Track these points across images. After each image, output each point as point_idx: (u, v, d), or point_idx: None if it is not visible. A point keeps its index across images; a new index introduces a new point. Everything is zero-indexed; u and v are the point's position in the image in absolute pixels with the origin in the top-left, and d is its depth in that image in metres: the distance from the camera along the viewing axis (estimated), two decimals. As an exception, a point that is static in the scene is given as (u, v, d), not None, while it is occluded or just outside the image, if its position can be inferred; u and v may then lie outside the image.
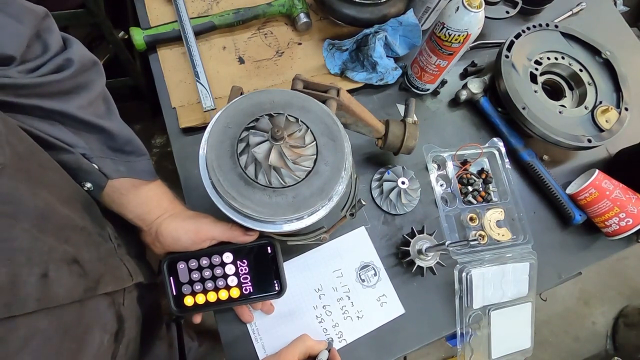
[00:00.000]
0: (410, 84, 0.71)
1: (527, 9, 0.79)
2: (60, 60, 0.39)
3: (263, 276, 0.47)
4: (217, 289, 0.47)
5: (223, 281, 0.47)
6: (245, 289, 0.47)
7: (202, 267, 0.46)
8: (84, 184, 0.41)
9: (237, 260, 0.46)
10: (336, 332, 0.57)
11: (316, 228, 0.53)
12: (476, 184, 0.67)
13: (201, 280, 0.47)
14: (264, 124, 0.41)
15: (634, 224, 0.62)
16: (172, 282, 0.46)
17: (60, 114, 0.39)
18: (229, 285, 0.47)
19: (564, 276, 0.67)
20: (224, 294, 0.47)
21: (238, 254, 0.46)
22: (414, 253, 0.58)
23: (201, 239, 0.45)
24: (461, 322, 0.59)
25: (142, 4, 0.70)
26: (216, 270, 0.46)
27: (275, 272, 0.47)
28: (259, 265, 0.47)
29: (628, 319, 1.61)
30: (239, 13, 0.69)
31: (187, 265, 0.46)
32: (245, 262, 0.46)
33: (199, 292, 0.47)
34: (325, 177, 0.41)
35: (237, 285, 0.47)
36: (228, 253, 0.46)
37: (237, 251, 0.46)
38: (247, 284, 0.47)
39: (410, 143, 0.59)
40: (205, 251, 0.46)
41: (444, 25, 0.56)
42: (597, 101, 0.69)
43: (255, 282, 0.47)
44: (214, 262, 0.46)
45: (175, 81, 0.67)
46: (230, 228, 0.45)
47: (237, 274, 0.47)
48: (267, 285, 0.48)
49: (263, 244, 0.46)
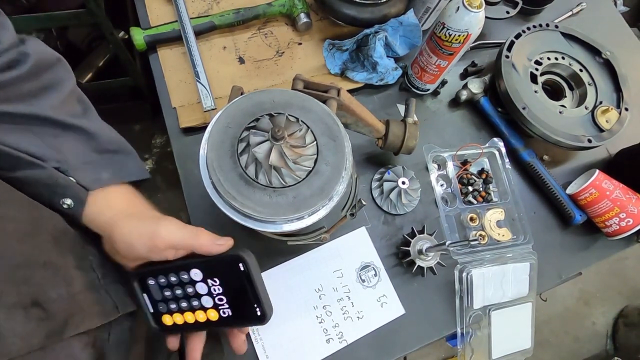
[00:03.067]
0: (411, 84, 0.71)
1: (527, 9, 0.79)
2: (13, 54, 0.35)
3: (240, 298, 0.38)
4: (193, 309, 0.39)
5: (197, 301, 0.39)
6: (223, 312, 0.39)
7: (172, 285, 0.39)
8: (63, 202, 0.36)
9: (207, 279, 0.38)
10: (336, 332, 0.57)
11: (316, 228, 0.53)
12: (476, 184, 0.67)
13: (174, 299, 0.39)
14: (265, 124, 0.41)
15: (634, 224, 0.62)
16: (146, 299, 0.40)
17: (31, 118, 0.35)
18: (204, 306, 0.39)
19: (564, 276, 0.67)
20: (201, 316, 0.39)
21: (207, 271, 0.38)
22: (414, 253, 0.58)
23: (158, 247, 0.36)
24: (461, 322, 0.59)
25: (142, 4, 0.70)
26: (187, 288, 0.38)
27: (253, 293, 0.37)
28: (232, 285, 0.38)
29: (628, 319, 1.61)
30: (239, 13, 0.69)
31: (157, 281, 0.39)
32: (216, 280, 0.37)
33: (175, 311, 0.40)
34: (326, 177, 0.41)
35: (213, 307, 0.39)
36: (195, 270, 0.38)
37: (205, 267, 0.38)
38: (223, 306, 0.38)
39: (411, 143, 0.59)
40: (170, 266, 0.38)
41: (444, 25, 0.56)
42: (597, 101, 0.69)
43: (233, 305, 0.38)
44: (182, 279, 0.38)
45: (175, 81, 0.67)
46: (195, 235, 0.37)
47: (210, 294, 0.38)
48: (247, 308, 0.38)
49: (231, 259, 0.37)
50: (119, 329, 0.41)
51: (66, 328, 0.32)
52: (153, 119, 1.53)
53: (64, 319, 0.32)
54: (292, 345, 0.56)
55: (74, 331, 0.33)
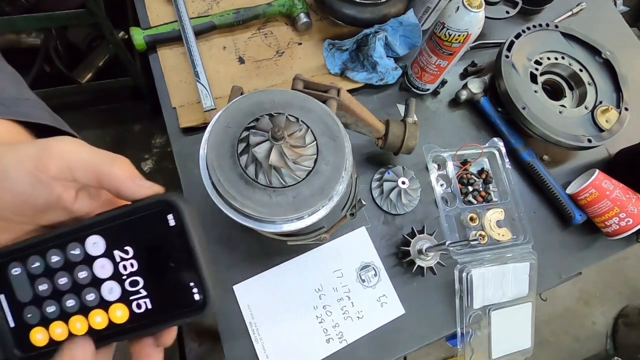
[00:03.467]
0: (411, 84, 0.71)
1: (527, 9, 0.79)
2: None
3: (166, 276, 0.24)
4: (86, 309, 0.24)
5: (94, 294, 0.24)
6: (137, 305, 0.24)
7: (52, 270, 0.24)
8: None
9: (114, 250, 0.24)
10: (336, 332, 0.57)
11: (316, 228, 0.53)
12: (476, 184, 0.67)
13: (55, 296, 0.24)
14: (265, 124, 0.41)
15: (634, 224, 0.62)
16: (3, 304, 0.24)
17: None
18: (105, 300, 0.24)
19: (564, 276, 0.67)
20: (99, 319, 0.24)
21: (114, 237, 0.24)
22: (414, 253, 0.58)
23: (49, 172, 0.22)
24: (461, 322, 0.59)
25: (142, 4, 0.70)
26: (78, 273, 0.24)
27: (189, 262, 0.23)
28: (155, 254, 0.24)
29: (628, 319, 1.61)
30: (239, 13, 0.69)
31: (26, 268, 0.24)
32: (129, 251, 0.24)
33: (55, 318, 0.24)
34: (326, 176, 0.41)
35: (121, 300, 0.24)
36: (95, 237, 0.24)
37: (111, 230, 0.24)
38: (137, 294, 0.24)
39: (411, 143, 0.59)
40: (51, 236, 0.24)
41: (444, 25, 0.56)
42: (597, 101, 0.69)
43: (154, 290, 0.24)
44: (71, 258, 0.24)
45: (175, 81, 0.67)
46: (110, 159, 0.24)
47: (117, 276, 0.24)
48: (178, 291, 0.24)
49: (157, 206, 0.23)
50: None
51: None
52: (153, 119, 1.53)
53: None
54: (292, 345, 0.56)
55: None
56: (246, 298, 0.57)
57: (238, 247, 0.59)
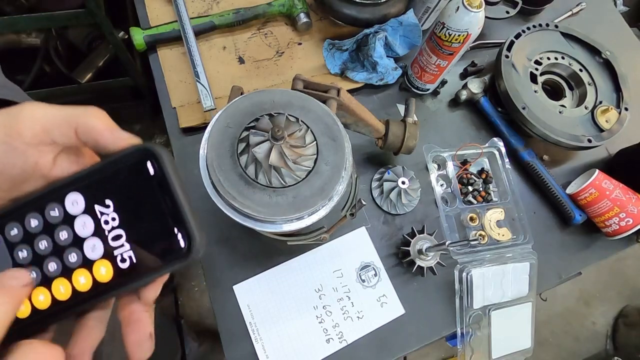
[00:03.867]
0: (411, 84, 0.71)
1: (527, 9, 0.79)
2: None
3: (149, 224, 0.23)
4: (69, 271, 0.23)
5: (77, 254, 0.23)
6: (121, 259, 0.23)
7: (31, 235, 0.23)
8: None
9: (94, 205, 0.23)
10: (336, 332, 0.57)
11: (316, 228, 0.53)
12: (476, 184, 0.67)
13: (36, 262, 0.24)
14: (265, 124, 0.41)
15: (634, 224, 0.62)
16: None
17: None
18: (88, 259, 0.23)
19: (564, 276, 0.67)
20: (82, 280, 0.23)
21: (94, 191, 0.23)
22: (414, 253, 0.58)
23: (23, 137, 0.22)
24: (461, 322, 0.59)
25: (142, 4, 0.70)
26: (59, 234, 0.23)
27: (171, 207, 0.23)
28: (136, 204, 0.23)
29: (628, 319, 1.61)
30: (239, 13, 0.69)
31: (4, 236, 0.24)
32: (110, 204, 0.23)
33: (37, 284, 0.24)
34: (326, 177, 0.41)
35: (105, 257, 0.23)
36: (74, 194, 0.23)
37: (90, 184, 0.23)
38: (122, 248, 0.23)
39: (411, 143, 0.59)
40: (31, 198, 0.23)
41: (444, 25, 0.56)
42: (597, 101, 0.69)
43: (138, 241, 0.23)
44: (50, 220, 0.23)
45: (175, 81, 0.67)
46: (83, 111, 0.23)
47: (99, 232, 0.23)
48: (161, 238, 0.23)
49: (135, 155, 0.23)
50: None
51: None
52: (153, 119, 1.53)
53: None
54: (292, 345, 0.56)
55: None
56: (246, 298, 0.57)
57: (238, 247, 0.59)
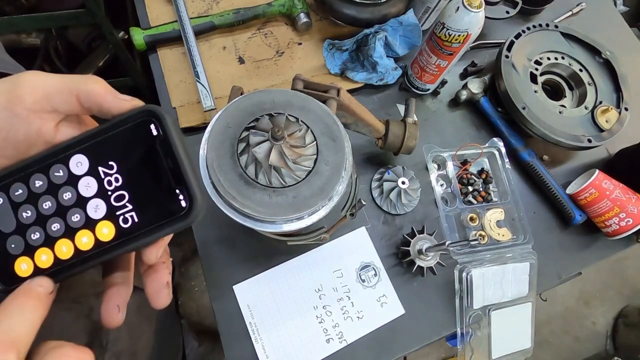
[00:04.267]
0: (410, 84, 0.71)
1: (527, 9, 0.79)
2: None
3: (152, 185, 0.24)
4: (72, 231, 0.24)
5: (79, 214, 0.24)
6: (123, 220, 0.24)
7: (35, 195, 0.24)
8: None
9: (98, 167, 0.24)
10: (336, 332, 0.57)
11: (316, 228, 0.53)
12: (476, 184, 0.67)
13: (40, 222, 0.24)
14: (264, 124, 0.41)
15: (634, 224, 0.62)
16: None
17: None
18: (91, 219, 0.24)
19: (564, 276, 0.67)
20: (85, 240, 0.24)
21: (98, 153, 0.24)
22: (414, 253, 0.58)
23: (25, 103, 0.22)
24: (461, 322, 0.59)
25: (142, 4, 0.70)
26: (63, 194, 0.24)
27: (174, 167, 0.23)
28: (139, 165, 0.24)
29: (628, 319, 1.61)
30: (239, 13, 0.69)
31: (8, 196, 0.24)
32: (114, 166, 0.24)
33: (40, 245, 0.24)
34: (326, 177, 0.41)
35: (107, 217, 0.24)
36: (78, 156, 0.24)
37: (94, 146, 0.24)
38: (124, 208, 0.24)
39: (411, 143, 0.59)
40: (33, 160, 0.24)
41: (444, 25, 0.56)
42: (597, 101, 0.69)
43: (140, 202, 0.24)
44: (55, 180, 0.24)
45: (175, 81, 0.67)
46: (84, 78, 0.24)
47: (102, 193, 0.24)
48: (164, 198, 0.24)
49: (139, 117, 0.24)
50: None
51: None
52: (153, 119, 1.53)
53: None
54: (292, 345, 0.56)
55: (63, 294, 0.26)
56: (246, 298, 0.57)
57: (238, 247, 0.59)
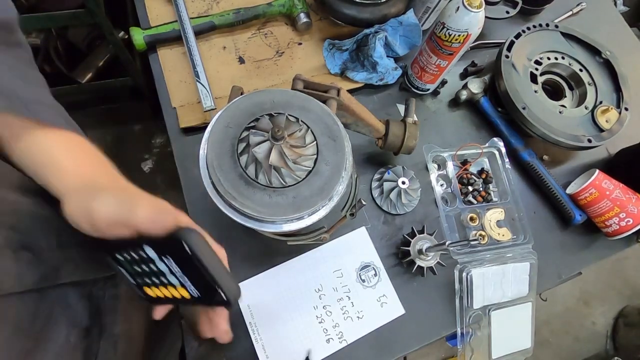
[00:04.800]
0: (411, 84, 0.71)
1: (527, 9, 0.79)
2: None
3: (200, 280, 0.31)
4: (165, 285, 0.34)
5: (165, 278, 0.33)
6: (191, 291, 0.33)
7: (136, 261, 0.34)
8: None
9: (162, 257, 0.32)
10: (337, 332, 0.57)
11: (316, 228, 0.53)
12: (476, 184, 0.67)
13: (146, 275, 0.35)
14: (265, 124, 0.41)
15: (634, 224, 0.62)
16: (124, 272, 0.37)
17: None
18: (172, 283, 0.33)
19: (564, 276, 0.67)
20: (175, 292, 0.34)
21: (159, 249, 0.32)
22: (414, 253, 0.58)
23: (100, 226, 0.30)
24: (461, 322, 0.59)
25: (142, 4, 0.70)
26: (150, 265, 0.33)
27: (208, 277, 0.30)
28: (187, 265, 0.31)
29: (628, 319, 1.62)
30: (239, 13, 0.69)
31: (123, 256, 0.35)
32: (171, 260, 0.31)
33: (152, 285, 0.36)
34: (326, 177, 0.41)
35: (180, 286, 0.33)
36: (148, 247, 0.32)
37: (155, 245, 0.31)
38: (189, 285, 0.32)
39: (411, 143, 0.59)
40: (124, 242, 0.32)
41: (444, 25, 0.56)
42: (597, 101, 0.69)
43: (197, 285, 0.32)
44: (142, 256, 0.33)
45: (175, 81, 0.67)
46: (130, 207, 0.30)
47: (172, 273, 0.32)
48: (210, 291, 0.31)
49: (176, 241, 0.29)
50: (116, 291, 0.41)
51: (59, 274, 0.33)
52: (153, 119, 1.53)
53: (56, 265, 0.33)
54: (292, 345, 0.56)
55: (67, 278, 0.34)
56: (246, 298, 0.57)
57: (238, 247, 0.59)
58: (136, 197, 0.31)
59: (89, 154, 0.36)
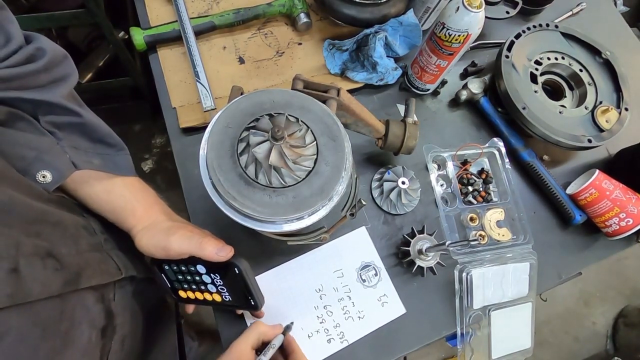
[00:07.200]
0: (411, 84, 0.71)
1: (527, 9, 0.79)
2: (31, 49, 0.38)
3: (237, 291, 0.46)
4: (201, 290, 0.48)
5: (204, 286, 0.47)
6: (224, 297, 0.47)
7: (183, 272, 0.47)
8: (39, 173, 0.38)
9: (210, 273, 0.46)
10: (337, 332, 0.57)
11: (316, 228, 0.53)
12: (476, 184, 0.67)
13: (186, 282, 0.48)
14: (265, 124, 0.41)
15: (634, 224, 0.62)
16: (164, 278, 0.48)
17: (44, 104, 0.39)
18: (209, 290, 0.47)
19: (564, 276, 0.67)
20: (208, 296, 0.48)
21: (210, 268, 0.45)
22: (414, 253, 0.58)
23: (172, 255, 0.44)
24: (461, 322, 0.59)
25: (142, 4, 0.70)
26: (195, 277, 0.47)
27: (247, 289, 0.45)
28: (230, 281, 0.46)
29: (628, 319, 1.61)
30: (239, 13, 0.69)
31: (171, 268, 0.47)
32: (217, 275, 0.46)
33: (188, 289, 0.49)
34: (326, 177, 0.41)
35: (216, 293, 0.47)
36: (201, 265, 0.45)
37: (208, 265, 0.45)
38: (224, 293, 0.47)
39: (411, 143, 0.59)
40: (181, 260, 0.45)
41: (444, 25, 0.56)
42: (597, 101, 0.69)
43: (231, 294, 0.47)
44: (191, 270, 0.46)
45: (175, 81, 0.67)
46: (200, 245, 0.42)
47: (213, 283, 0.46)
48: (243, 299, 0.47)
49: (228, 265, 0.44)
50: (122, 292, 0.44)
51: (80, 279, 0.35)
52: (153, 119, 1.53)
53: (77, 271, 0.35)
54: (292, 345, 0.56)
55: (87, 283, 0.36)
56: (246, 298, 0.57)
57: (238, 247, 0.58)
58: (201, 236, 0.43)
59: (149, 195, 0.48)
